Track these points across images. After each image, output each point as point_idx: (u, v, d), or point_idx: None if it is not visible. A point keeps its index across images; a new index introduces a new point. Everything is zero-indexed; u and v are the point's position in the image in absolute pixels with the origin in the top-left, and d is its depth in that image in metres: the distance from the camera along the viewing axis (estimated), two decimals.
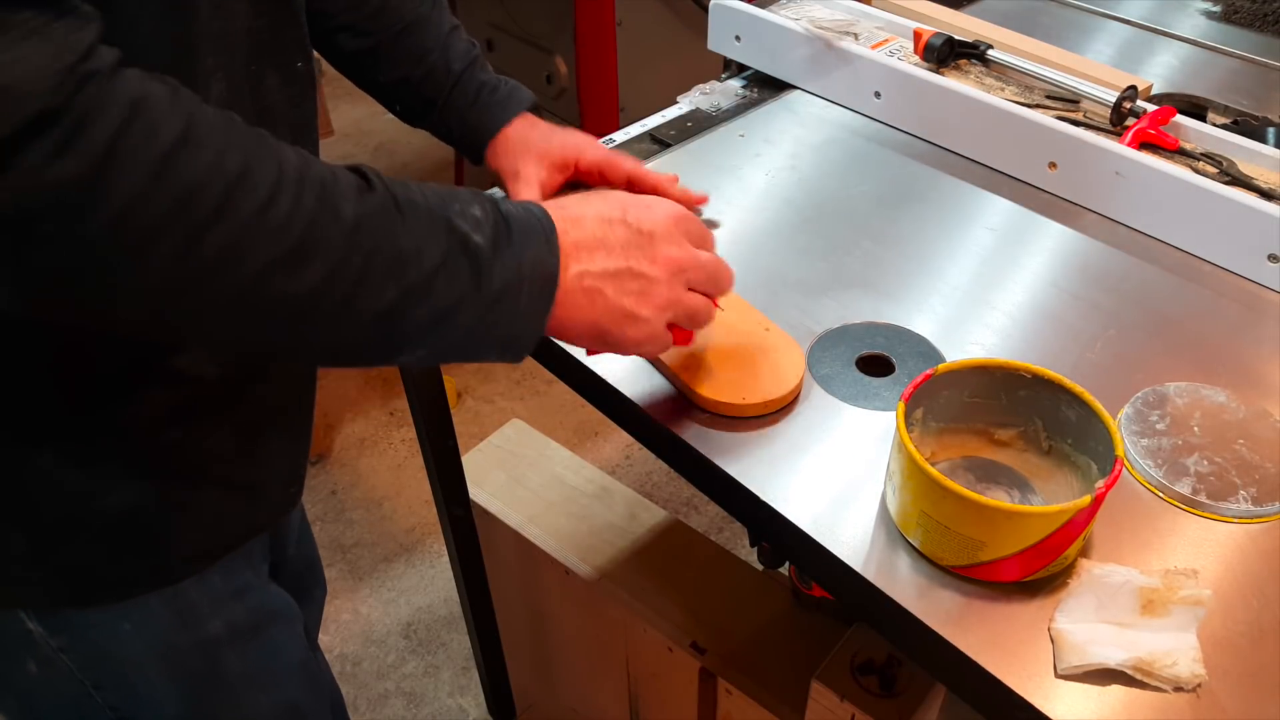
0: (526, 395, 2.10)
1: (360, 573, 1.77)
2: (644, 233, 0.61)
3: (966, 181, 0.96)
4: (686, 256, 0.62)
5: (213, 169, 0.45)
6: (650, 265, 0.60)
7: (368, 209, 0.50)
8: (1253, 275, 0.84)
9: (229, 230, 0.45)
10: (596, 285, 0.59)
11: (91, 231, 0.43)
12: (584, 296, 0.59)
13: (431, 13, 0.83)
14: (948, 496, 0.57)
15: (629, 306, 0.60)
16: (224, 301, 0.47)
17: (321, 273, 0.48)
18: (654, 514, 1.15)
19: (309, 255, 0.48)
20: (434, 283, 0.52)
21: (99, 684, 0.70)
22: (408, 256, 0.51)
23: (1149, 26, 1.26)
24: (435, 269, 0.51)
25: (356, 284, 0.49)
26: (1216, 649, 0.58)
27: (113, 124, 0.42)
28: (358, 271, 0.49)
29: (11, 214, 0.41)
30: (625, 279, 0.60)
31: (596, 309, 0.59)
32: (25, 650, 0.67)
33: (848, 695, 0.83)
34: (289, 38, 0.64)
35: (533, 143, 0.85)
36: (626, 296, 0.60)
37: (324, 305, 0.49)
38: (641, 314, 0.61)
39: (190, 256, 0.45)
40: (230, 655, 0.74)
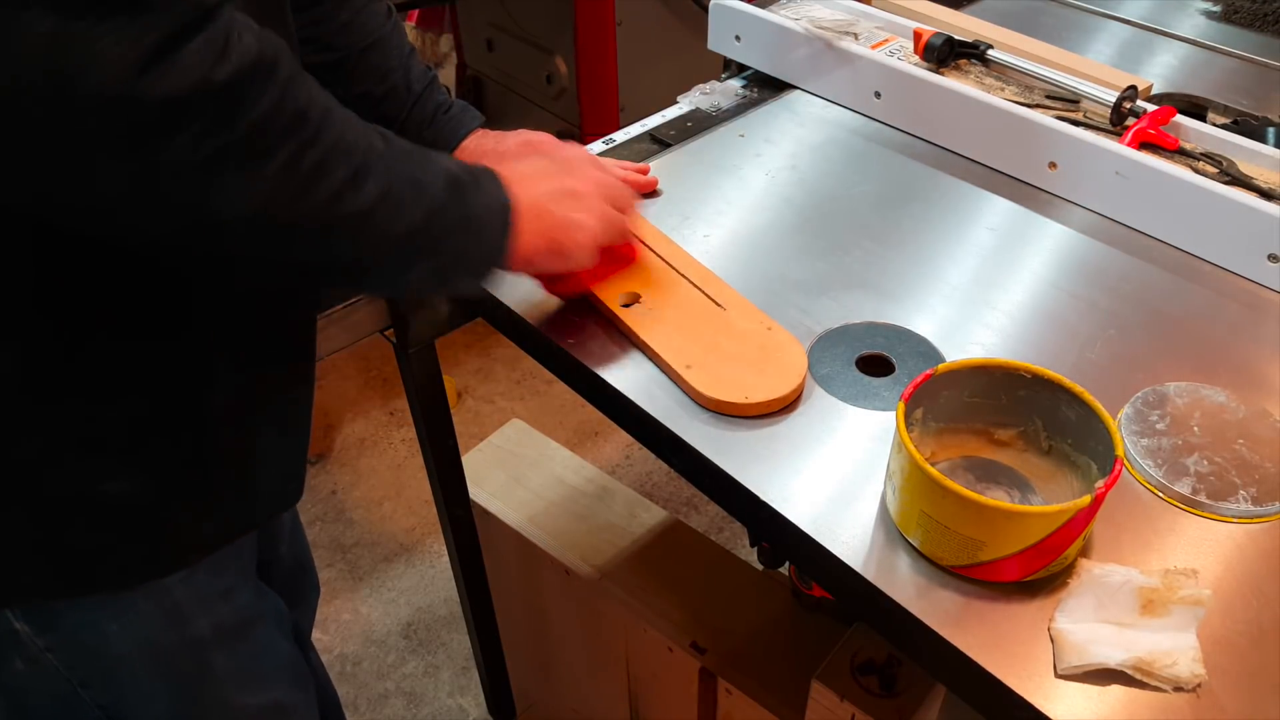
0: (526, 395, 2.10)
1: (360, 573, 1.77)
2: (566, 160, 0.77)
3: (966, 181, 0.96)
4: (603, 175, 0.77)
5: (311, 101, 0.54)
6: (579, 182, 0.74)
7: (391, 145, 0.60)
8: (1253, 275, 0.84)
9: (320, 150, 0.54)
10: (543, 204, 0.71)
11: (236, 132, 0.49)
12: (535, 216, 0.70)
13: (392, 34, 0.87)
14: (948, 496, 0.57)
15: (572, 216, 0.72)
16: (309, 213, 0.54)
17: (375, 193, 0.57)
18: (654, 514, 1.15)
19: (366, 177, 0.56)
20: (441, 208, 0.62)
21: (86, 683, 0.70)
22: (424, 185, 0.61)
23: (1149, 26, 1.26)
24: (442, 195, 0.62)
25: (397, 204, 0.58)
26: (1216, 649, 0.58)
27: (253, 45, 0.50)
28: (397, 194, 0.58)
29: (185, 96, 0.47)
30: (563, 196, 0.72)
31: (546, 223, 0.70)
32: (12, 649, 0.67)
33: (848, 695, 0.83)
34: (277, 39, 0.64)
35: (488, 149, 0.90)
36: (567, 209, 0.72)
37: (375, 220, 0.57)
38: (584, 221, 0.73)
39: (295, 168, 0.52)
40: (217, 655, 0.74)
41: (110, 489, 0.63)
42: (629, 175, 0.92)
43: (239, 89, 0.49)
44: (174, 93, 0.46)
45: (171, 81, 0.46)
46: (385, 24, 0.86)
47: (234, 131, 0.49)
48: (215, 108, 0.48)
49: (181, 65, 0.46)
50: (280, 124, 0.51)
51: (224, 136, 0.49)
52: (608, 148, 1.02)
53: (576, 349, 0.78)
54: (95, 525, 0.64)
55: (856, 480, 0.68)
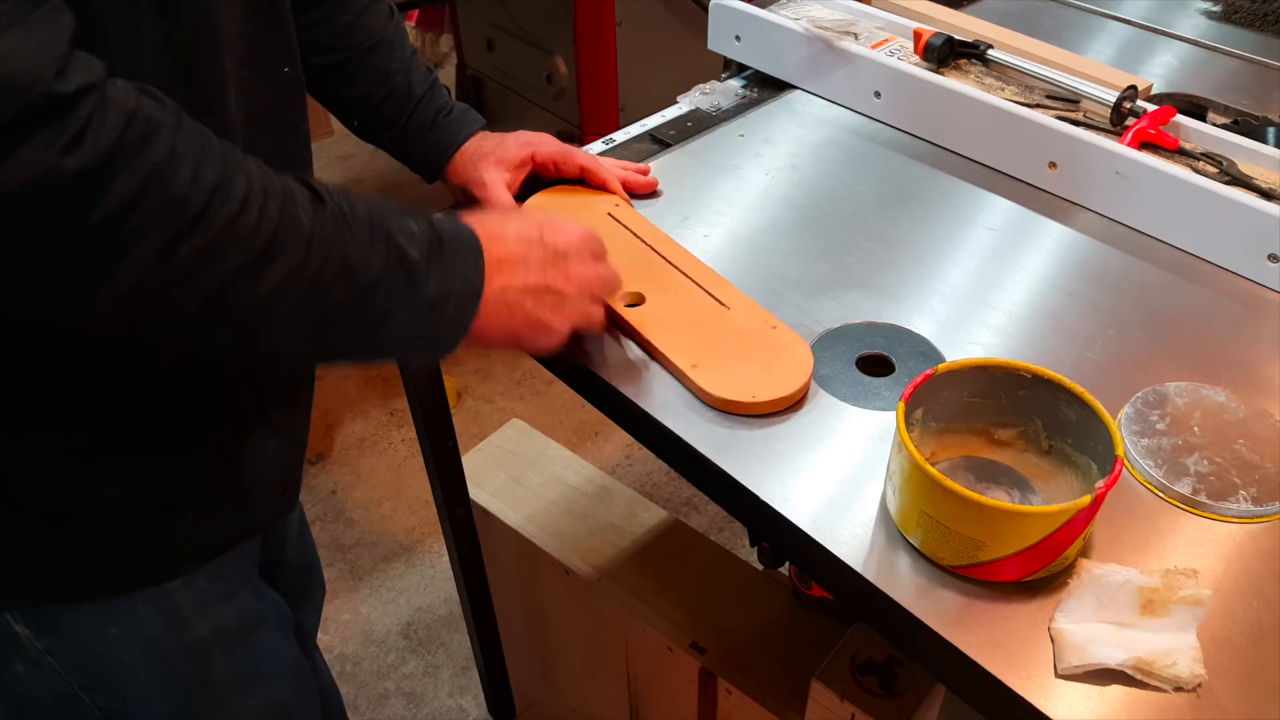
0: (526, 395, 2.10)
1: (360, 573, 1.77)
2: (559, 252, 0.67)
3: (966, 181, 0.96)
4: (593, 273, 0.70)
5: (194, 182, 0.48)
6: (564, 282, 0.67)
7: (320, 220, 0.53)
8: (1253, 275, 0.84)
9: (204, 237, 0.48)
10: (517, 300, 0.65)
11: (87, 227, 0.45)
12: (505, 310, 0.64)
13: (394, 36, 0.86)
14: (948, 496, 0.57)
15: (544, 319, 0.66)
16: (190, 302, 0.50)
17: (280, 276, 0.51)
18: (654, 514, 1.15)
19: (271, 260, 0.51)
20: (376, 289, 0.56)
21: (87, 686, 0.70)
22: (354, 264, 0.55)
23: (1149, 26, 1.26)
24: (377, 277, 0.56)
25: (310, 288, 0.53)
26: (1216, 649, 0.58)
27: (115, 129, 0.45)
28: (312, 276, 0.53)
29: (23, 196, 0.43)
30: (542, 294, 0.66)
31: (516, 320, 0.65)
32: (12, 652, 0.67)
33: (848, 695, 0.83)
34: (277, 42, 0.64)
35: (488, 151, 0.89)
36: (543, 310, 0.66)
37: (279, 307, 0.52)
38: (554, 325, 0.67)
39: (168, 260, 0.47)
40: (218, 658, 0.74)
41: (109, 497, 0.63)
42: (630, 177, 0.92)
43: (90, 181, 0.44)
44: (11, 185, 0.42)
45: (8, 174, 0.42)
46: (387, 26, 0.86)
47: (84, 225, 0.45)
48: (62, 202, 0.44)
49: (23, 157, 0.42)
50: (145, 214, 0.46)
51: (74, 230, 0.44)
52: (608, 148, 1.02)
53: (576, 349, 0.78)
54: (94, 533, 0.64)
55: (856, 480, 0.68)
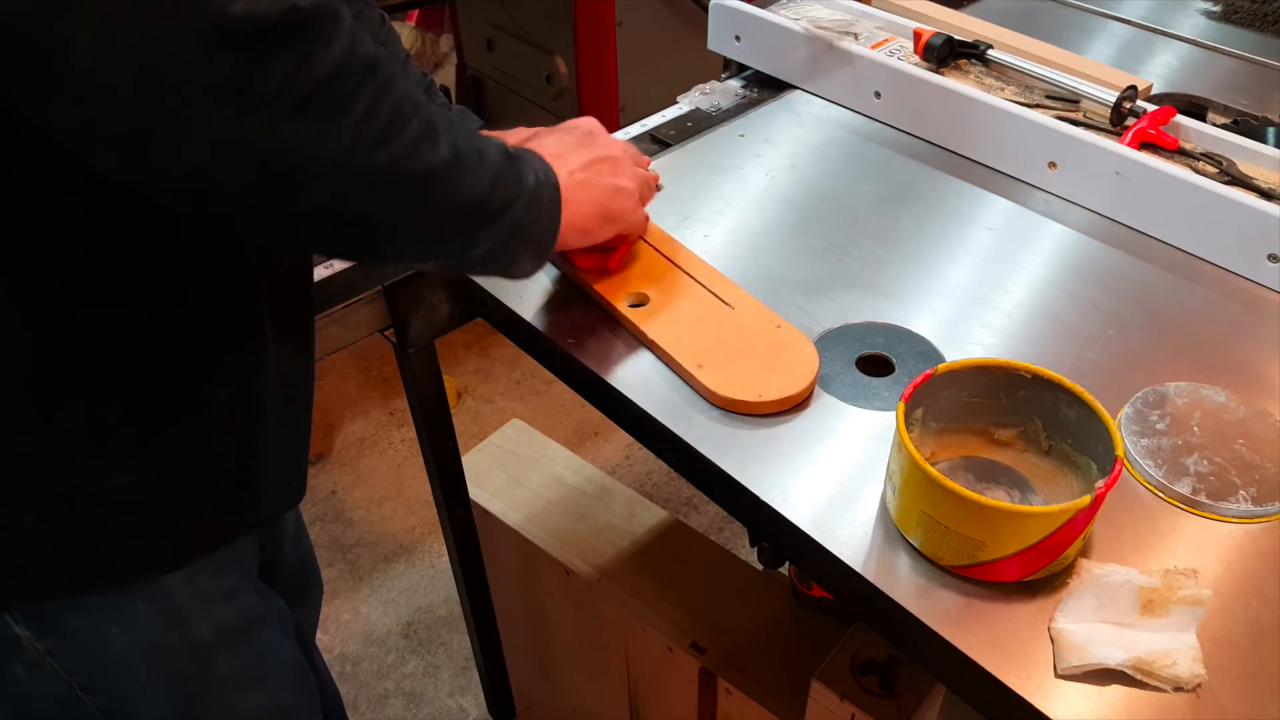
0: (526, 395, 2.10)
1: (360, 573, 1.77)
2: (588, 133, 0.77)
3: (966, 181, 0.96)
4: (623, 143, 0.79)
5: (378, 51, 0.53)
6: (609, 149, 0.76)
7: (448, 116, 0.59)
8: (1253, 275, 0.84)
9: (394, 99, 0.53)
10: (585, 177, 0.73)
11: (320, 72, 0.49)
12: (581, 188, 0.72)
13: (386, 41, 0.86)
14: (948, 496, 0.57)
15: (615, 182, 0.74)
16: (387, 164, 0.54)
17: (447, 149, 0.57)
18: (654, 514, 1.15)
19: (438, 134, 0.56)
20: (504, 174, 0.62)
21: (87, 687, 0.70)
22: (485, 153, 0.61)
23: (1149, 26, 1.26)
24: (500, 165, 0.62)
25: (466, 167, 0.59)
26: (1216, 649, 0.58)
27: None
28: (466, 157, 0.59)
29: (276, 23, 0.46)
30: (600, 164, 0.74)
31: (594, 192, 0.73)
32: (13, 654, 0.67)
33: (848, 695, 0.83)
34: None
35: None
36: (607, 176, 0.74)
37: (447, 181, 0.58)
38: (624, 185, 0.75)
39: (373, 118, 0.52)
40: (219, 658, 0.74)
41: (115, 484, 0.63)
42: None
43: (321, 24, 0.48)
44: (265, 18, 0.46)
45: (262, 7, 0.45)
46: (379, 32, 0.86)
47: (319, 71, 0.48)
48: (303, 41, 0.48)
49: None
50: (358, 68, 0.51)
51: (311, 76, 0.48)
52: None
53: (577, 349, 0.78)
54: (100, 521, 0.64)
55: (856, 480, 0.68)
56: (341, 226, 0.57)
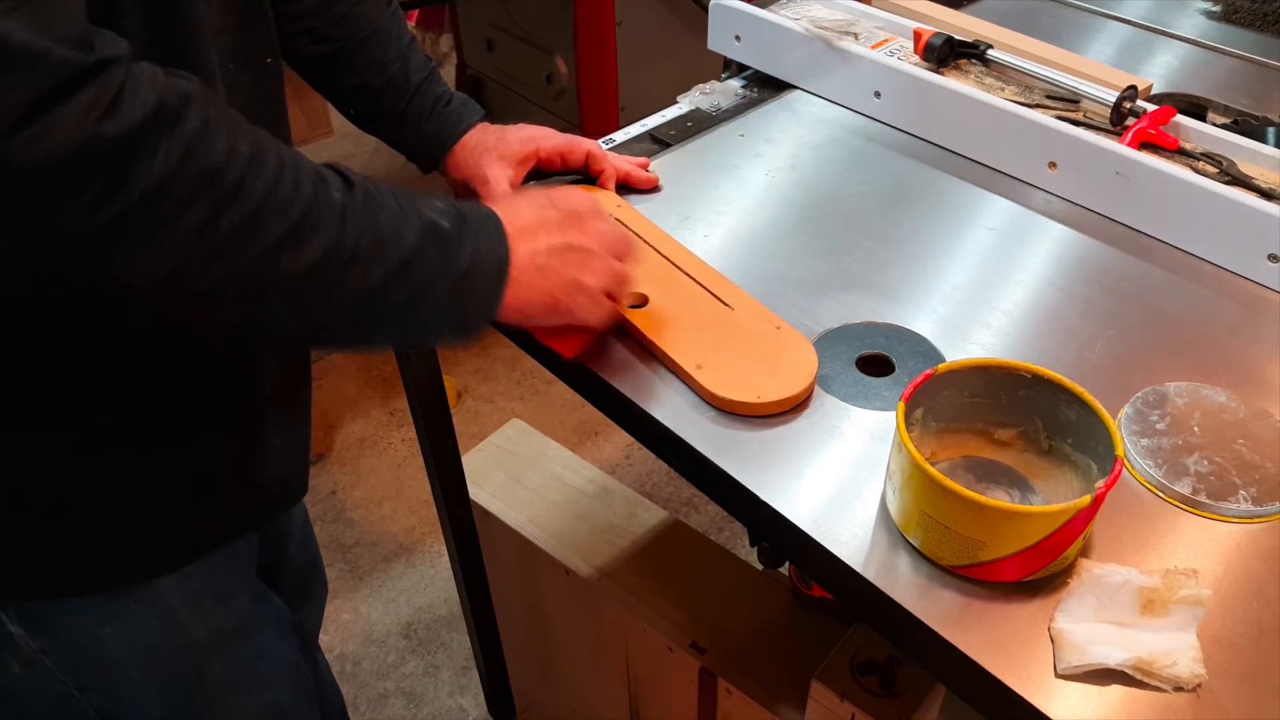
0: (526, 395, 2.10)
1: (360, 572, 1.77)
2: (573, 212, 0.69)
3: (966, 181, 0.96)
4: (611, 229, 0.71)
5: (230, 152, 0.48)
6: (585, 238, 0.68)
7: (351, 197, 0.55)
8: (1253, 275, 0.84)
9: (243, 208, 0.49)
10: (546, 262, 0.66)
11: (133, 197, 0.45)
12: (538, 274, 0.65)
13: (391, 24, 0.85)
14: (948, 496, 0.57)
15: (576, 277, 0.67)
16: (235, 278, 0.50)
17: (321, 250, 0.52)
18: (654, 514, 1.15)
19: (310, 233, 0.51)
20: (411, 264, 0.56)
21: (82, 685, 0.70)
22: (389, 240, 0.55)
23: (1149, 26, 1.26)
24: (413, 249, 0.56)
25: (349, 262, 0.54)
26: (1216, 649, 0.58)
27: (149, 98, 0.45)
28: (350, 251, 0.53)
29: (67, 166, 0.43)
30: (568, 253, 0.67)
31: (549, 281, 0.66)
32: (8, 651, 0.67)
33: (848, 695, 0.83)
34: (259, 34, 0.64)
35: (489, 145, 0.87)
36: (572, 268, 0.67)
37: (321, 282, 0.53)
38: (587, 282, 0.68)
39: (211, 232, 0.48)
40: (213, 660, 0.74)
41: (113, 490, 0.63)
42: (633, 171, 0.93)
43: (131, 148, 0.44)
44: (53, 156, 0.42)
45: (49, 144, 0.42)
46: (384, 14, 0.85)
47: (130, 195, 0.44)
48: (106, 170, 0.44)
49: (61, 125, 0.42)
50: (186, 184, 0.46)
51: (120, 201, 0.44)
52: (608, 147, 1.02)
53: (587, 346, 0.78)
54: (98, 526, 0.64)
55: (856, 480, 0.68)
56: (202, 329, 0.55)
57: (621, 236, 0.72)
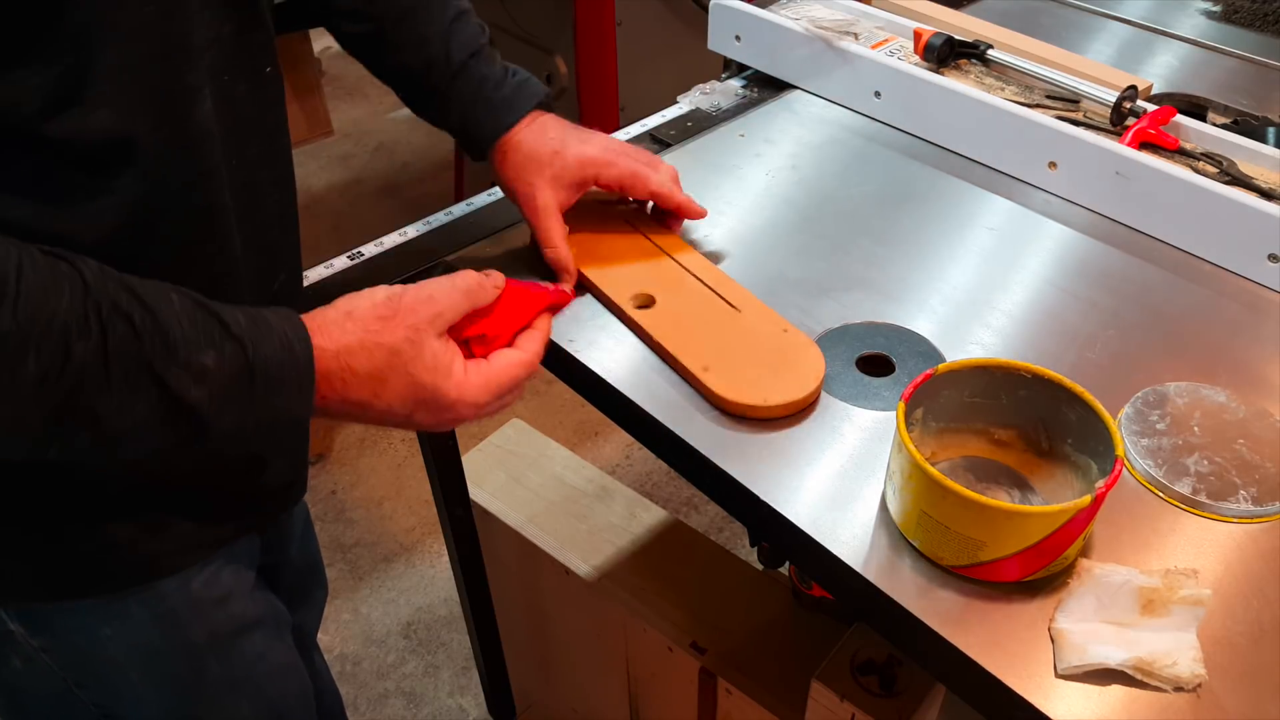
0: (527, 395, 2.10)
1: (360, 572, 1.77)
2: (424, 425, 0.62)
3: (966, 181, 0.96)
4: (470, 417, 0.63)
5: None
6: (429, 428, 0.63)
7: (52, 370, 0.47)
8: (1253, 275, 0.84)
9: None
10: (379, 418, 0.60)
11: None
12: (364, 419, 0.60)
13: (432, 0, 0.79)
14: (948, 496, 0.57)
15: (427, 423, 0.61)
16: None
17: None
18: (654, 514, 1.15)
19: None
20: (127, 440, 0.50)
21: (81, 683, 0.70)
22: (97, 418, 0.49)
23: (1149, 26, 1.26)
24: (129, 430, 0.50)
25: (34, 433, 0.48)
26: (1217, 649, 0.58)
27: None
28: (34, 425, 0.48)
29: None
30: (420, 411, 0.60)
31: (385, 422, 0.60)
32: (8, 647, 0.67)
33: (848, 695, 0.83)
34: (257, 43, 0.62)
35: (544, 160, 0.79)
36: (424, 419, 0.61)
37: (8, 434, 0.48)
38: (442, 427, 0.62)
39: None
40: (212, 661, 0.74)
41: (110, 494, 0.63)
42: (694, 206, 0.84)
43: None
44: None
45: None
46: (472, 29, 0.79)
47: None
48: None
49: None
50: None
51: None
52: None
53: (577, 349, 0.78)
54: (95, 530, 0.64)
55: (856, 480, 0.68)
56: None
57: (505, 405, 0.65)
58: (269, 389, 0.53)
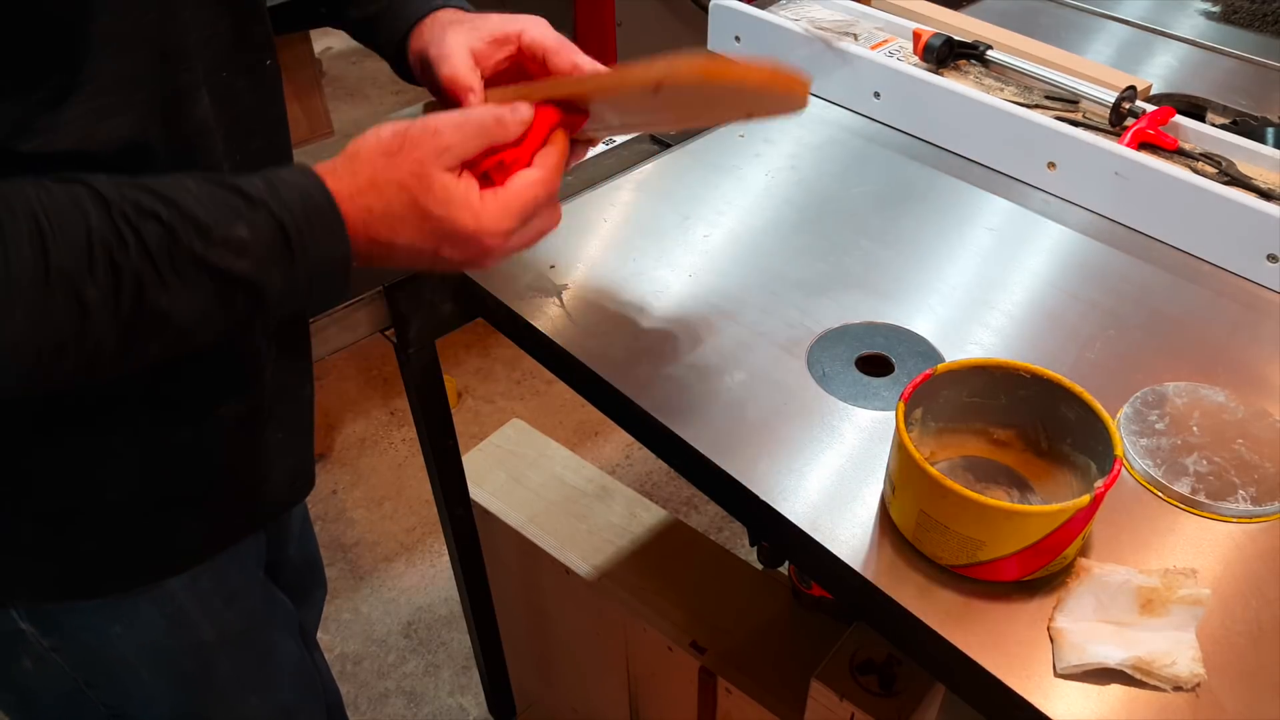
0: (526, 395, 2.10)
1: (360, 572, 1.77)
2: (454, 261, 0.59)
3: (966, 181, 0.96)
4: (501, 256, 0.60)
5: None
6: (460, 268, 0.61)
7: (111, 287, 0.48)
8: (1252, 275, 0.84)
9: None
10: (415, 260, 0.58)
11: None
12: (404, 262, 0.58)
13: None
14: (947, 496, 0.58)
15: (457, 259, 0.59)
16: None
17: (75, 362, 0.48)
18: (654, 514, 1.15)
19: (62, 353, 0.47)
20: (198, 330, 0.51)
21: (91, 682, 0.71)
22: (165, 316, 0.49)
23: (1148, 27, 1.27)
24: (197, 319, 0.51)
25: (113, 355, 0.49)
26: (1215, 648, 0.58)
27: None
28: (113, 346, 0.49)
29: None
30: (446, 259, 0.59)
31: (419, 262, 0.59)
32: (19, 647, 0.68)
33: (847, 695, 0.84)
34: (255, 36, 0.62)
35: (462, 20, 0.72)
36: (452, 255, 0.59)
37: (90, 372, 0.49)
38: (472, 268, 0.61)
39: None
40: (221, 659, 0.74)
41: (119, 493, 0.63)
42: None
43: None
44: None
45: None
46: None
47: None
48: None
49: None
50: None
51: None
52: (608, 147, 1.02)
53: (576, 348, 0.78)
54: (104, 529, 0.64)
55: (856, 480, 0.68)
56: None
57: (530, 243, 0.61)
58: (304, 242, 0.53)
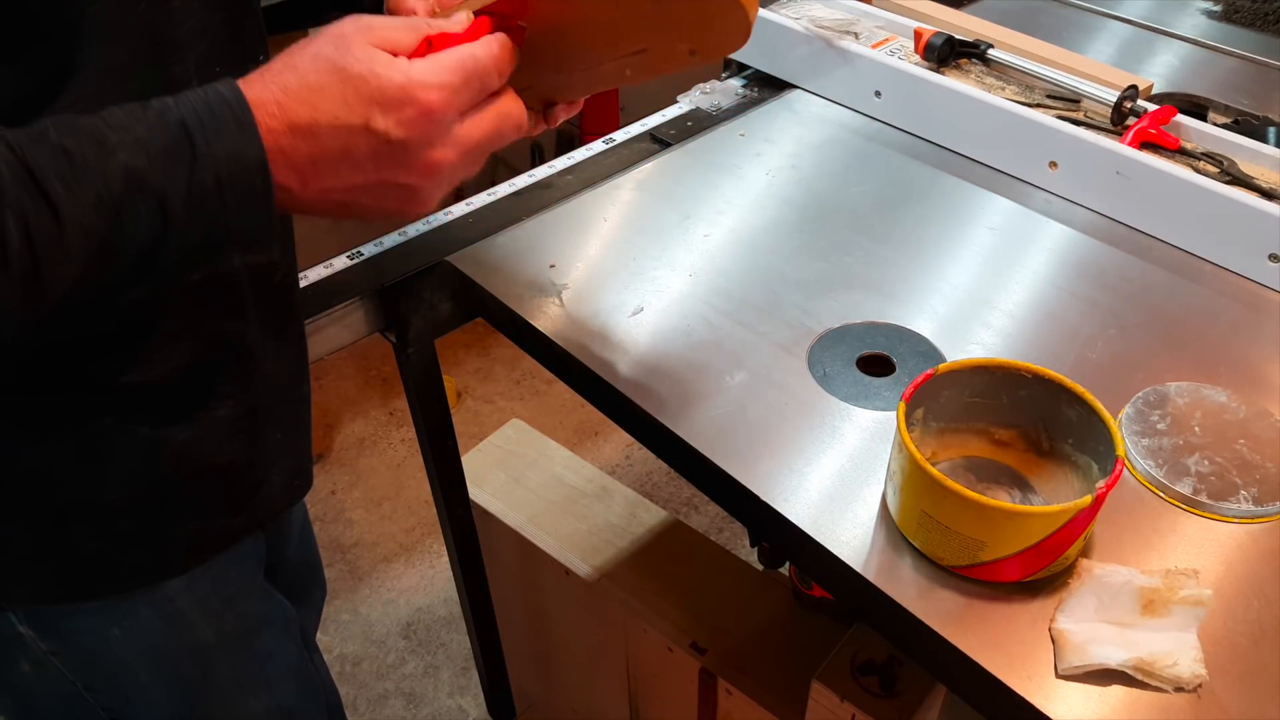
0: (526, 395, 2.10)
1: (360, 573, 1.77)
2: (394, 142, 0.51)
3: (967, 181, 0.96)
4: (456, 153, 0.53)
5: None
6: (410, 175, 0.52)
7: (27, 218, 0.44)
8: (1253, 275, 0.84)
9: None
10: (349, 199, 0.52)
11: None
12: (336, 208, 0.53)
13: None
14: (948, 496, 0.57)
15: (396, 209, 0.54)
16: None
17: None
18: (654, 514, 1.15)
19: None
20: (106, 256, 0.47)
21: (90, 686, 0.70)
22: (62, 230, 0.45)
23: (1149, 26, 1.26)
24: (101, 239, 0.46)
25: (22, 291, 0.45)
26: (1217, 649, 0.58)
27: None
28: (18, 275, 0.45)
29: None
30: (385, 189, 0.52)
31: (356, 212, 0.53)
32: (17, 650, 0.67)
33: (848, 695, 0.83)
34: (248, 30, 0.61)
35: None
36: (390, 202, 0.53)
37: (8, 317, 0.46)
38: (413, 212, 0.54)
39: None
40: (221, 661, 0.74)
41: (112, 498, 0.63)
42: None
43: None
44: None
45: None
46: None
47: None
48: None
49: None
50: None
51: None
52: (608, 147, 1.02)
53: (576, 348, 0.78)
54: (97, 532, 0.64)
55: (857, 480, 0.68)
56: None
57: (477, 144, 0.54)
58: (206, 134, 0.47)
